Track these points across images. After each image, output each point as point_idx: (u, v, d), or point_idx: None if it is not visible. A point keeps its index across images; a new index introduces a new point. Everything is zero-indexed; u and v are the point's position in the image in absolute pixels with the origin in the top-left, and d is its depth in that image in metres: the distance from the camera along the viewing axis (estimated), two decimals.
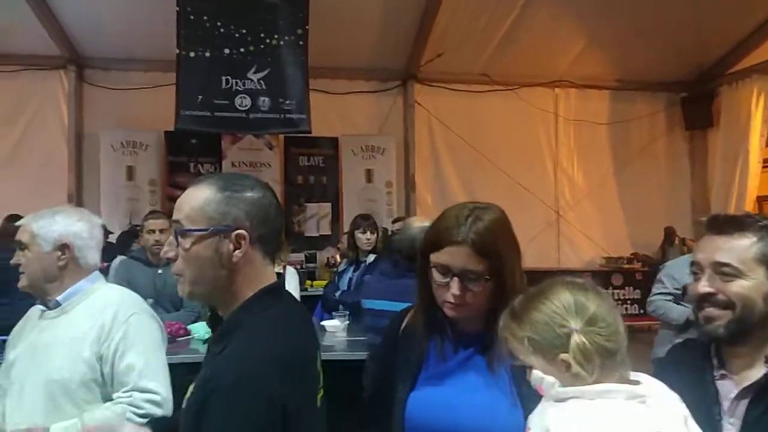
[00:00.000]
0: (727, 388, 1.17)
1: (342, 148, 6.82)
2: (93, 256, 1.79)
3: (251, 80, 5.37)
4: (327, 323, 3.27)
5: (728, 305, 1.14)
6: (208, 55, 5.28)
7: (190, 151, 6.54)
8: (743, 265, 1.13)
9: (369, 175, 6.79)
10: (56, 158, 6.39)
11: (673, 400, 1.00)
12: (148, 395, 1.63)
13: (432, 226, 1.28)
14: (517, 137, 7.16)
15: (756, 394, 1.13)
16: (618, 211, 7.44)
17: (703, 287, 1.16)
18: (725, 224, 1.17)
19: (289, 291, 3.33)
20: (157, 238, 3.38)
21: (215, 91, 5.31)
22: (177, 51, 5.22)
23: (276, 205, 1.14)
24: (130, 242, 5.12)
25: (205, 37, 5.26)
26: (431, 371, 1.27)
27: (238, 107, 5.37)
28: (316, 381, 1.13)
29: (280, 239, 1.20)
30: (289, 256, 6.26)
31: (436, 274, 1.21)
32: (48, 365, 1.62)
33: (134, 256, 3.58)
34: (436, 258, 1.21)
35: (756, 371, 1.15)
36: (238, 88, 5.36)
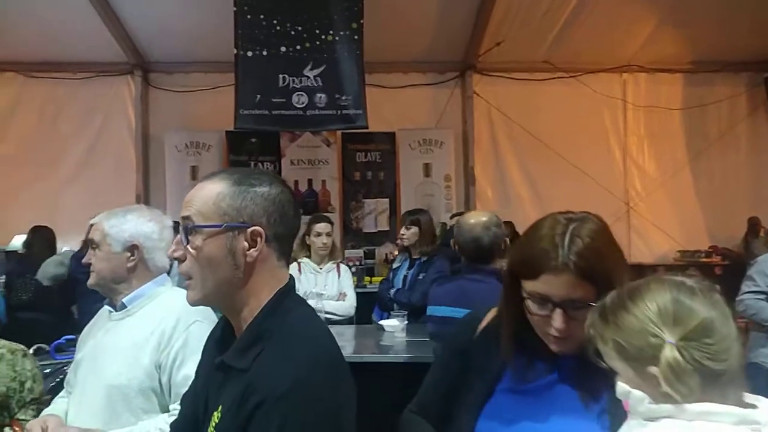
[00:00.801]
0: None
1: (399, 143, 6.73)
2: (161, 258, 1.73)
3: (307, 77, 5.36)
4: (386, 323, 3.18)
5: None
6: (265, 53, 5.31)
7: (250, 151, 6.64)
8: None
9: (427, 170, 6.67)
10: (125, 160, 6.65)
11: None
12: None
13: (520, 247, 1.10)
14: (582, 126, 6.83)
15: None
16: (694, 202, 6.96)
17: None
18: None
19: (349, 289, 3.27)
20: None
21: (272, 89, 5.34)
22: (235, 51, 5.28)
23: (293, 203, 1.05)
24: None
25: (261, 36, 5.29)
26: (512, 386, 1.13)
27: (295, 105, 5.38)
28: (352, 381, 1.03)
29: (295, 237, 1.11)
30: (347, 253, 6.33)
31: (531, 304, 1.05)
32: (107, 369, 1.57)
33: None
34: (531, 287, 1.04)
35: None
36: (295, 85, 5.36)
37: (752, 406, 0.83)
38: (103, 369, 1.58)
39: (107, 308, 1.74)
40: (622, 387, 0.86)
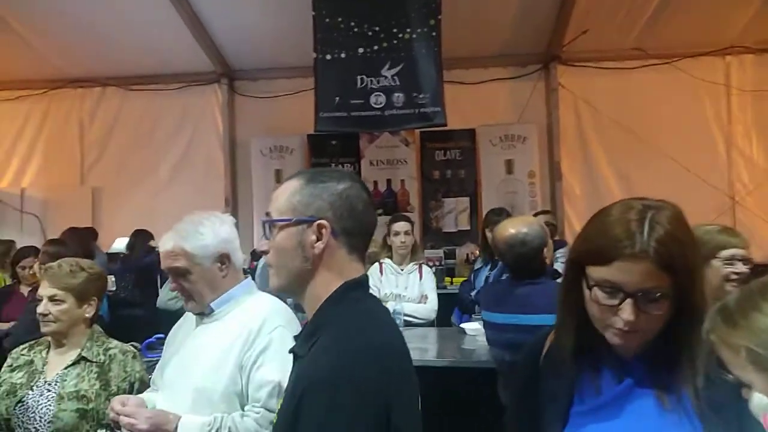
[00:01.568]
0: None
1: (479, 140, 6.56)
2: (240, 256, 1.74)
3: (385, 77, 5.35)
4: (467, 326, 3.07)
5: None
6: (343, 56, 5.36)
7: (331, 153, 6.73)
8: None
9: (509, 166, 6.46)
10: (214, 165, 6.97)
11: None
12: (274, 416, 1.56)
13: (589, 233, 1.01)
14: (678, 115, 6.34)
15: None
16: None
17: None
18: None
19: (431, 291, 3.18)
20: None
21: (351, 91, 5.38)
22: (314, 55, 5.37)
23: (366, 199, 1.09)
24: None
25: (340, 39, 5.34)
26: (587, 406, 1.03)
27: (374, 105, 5.38)
28: (413, 378, 1.03)
29: (369, 235, 1.12)
30: (427, 253, 6.25)
31: (599, 293, 0.96)
32: (194, 372, 1.59)
33: None
34: (600, 273, 0.96)
35: None
36: (373, 86, 5.37)
37: None
38: (190, 371, 1.60)
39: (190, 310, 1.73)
40: (758, 400, 0.74)
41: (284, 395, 1.04)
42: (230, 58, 6.80)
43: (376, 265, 3.48)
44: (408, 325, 3.19)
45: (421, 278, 3.36)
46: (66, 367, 1.91)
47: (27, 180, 7.18)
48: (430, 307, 3.23)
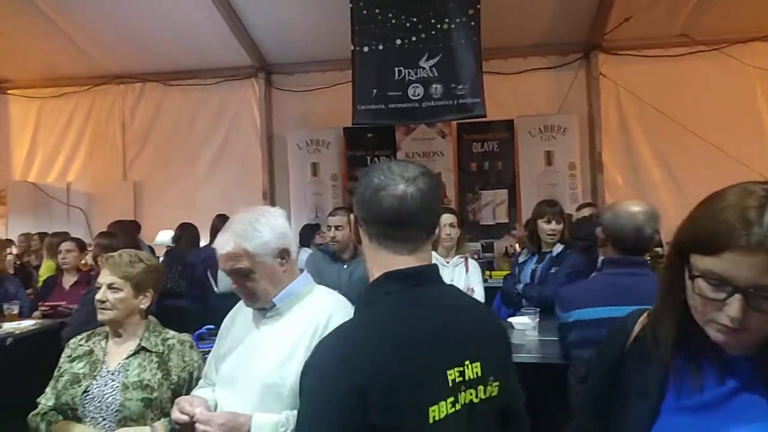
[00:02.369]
0: None
1: (518, 131, 6.46)
2: (295, 249, 1.72)
3: (423, 68, 5.30)
4: (515, 320, 3.02)
5: None
6: (381, 48, 5.33)
7: (367, 146, 6.72)
8: None
9: (549, 158, 6.34)
10: (252, 159, 7.04)
11: None
12: None
13: (697, 218, 0.92)
14: (726, 103, 6.11)
15: None
16: None
17: None
18: None
19: (478, 284, 3.10)
20: (332, 234, 3.42)
21: (388, 83, 5.35)
22: (352, 48, 5.35)
23: (376, 185, 1.08)
24: (310, 235, 5.44)
25: (377, 30, 5.31)
26: (682, 404, 0.96)
27: (411, 97, 5.34)
28: (421, 386, 0.98)
29: (385, 223, 1.09)
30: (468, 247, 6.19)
31: (703, 284, 0.87)
32: (261, 367, 1.56)
33: (323, 250, 3.70)
34: (706, 264, 0.87)
35: None
36: (411, 77, 5.33)
37: None
38: (255, 366, 1.58)
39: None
40: None
41: None
42: (267, 52, 6.84)
43: None
44: None
45: (467, 271, 3.32)
46: (127, 357, 1.94)
47: (72, 175, 7.39)
48: None
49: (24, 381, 2.49)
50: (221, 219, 5.27)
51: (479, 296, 3.28)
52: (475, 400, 1.05)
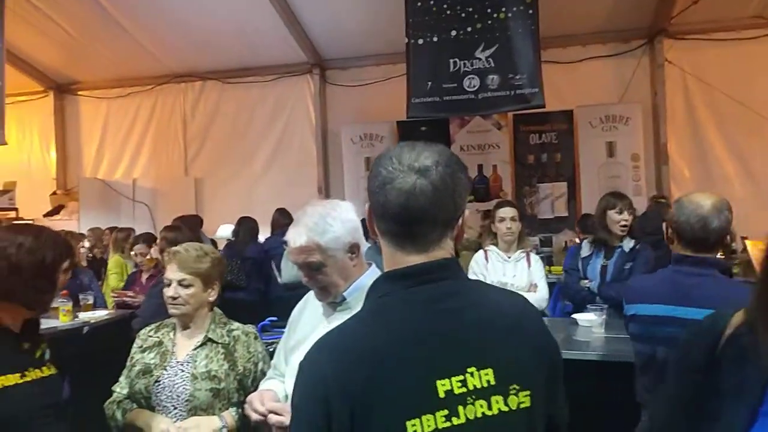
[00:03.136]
0: None
1: (578, 121, 6.26)
2: (365, 243, 1.70)
3: (479, 59, 5.20)
4: (580, 317, 2.92)
5: None
6: (435, 39, 5.26)
7: (420, 139, 6.55)
8: None
9: (610, 149, 6.11)
10: (307, 154, 7.14)
11: None
12: None
13: None
14: None
15: None
16: None
17: None
18: None
19: (540, 280, 3.00)
20: None
21: (443, 75, 5.28)
22: (406, 40, 5.31)
23: (383, 177, 0.97)
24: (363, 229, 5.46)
25: (432, 22, 5.25)
26: None
27: (467, 89, 5.26)
28: (394, 399, 0.87)
29: (389, 218, 0.98)
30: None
31: None
32: None
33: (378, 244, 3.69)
34: None
35: None
36: (466, 69, 5.24)
37: None
38: None
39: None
40: None
41: None
42: (322, 48, 6.90)
43: (481, 252, 3.39)
44: None
45: (529, 266, 3.23)
46: (194, 348, 1.99)
47: (137, 171, 7.70)
48: (540, 296, 3.10)
49: (99, 368, 2.61)
50: (282, 213, 5.37)
51: (543, 291, 3.19)
52: (489, 413, 0.90)
